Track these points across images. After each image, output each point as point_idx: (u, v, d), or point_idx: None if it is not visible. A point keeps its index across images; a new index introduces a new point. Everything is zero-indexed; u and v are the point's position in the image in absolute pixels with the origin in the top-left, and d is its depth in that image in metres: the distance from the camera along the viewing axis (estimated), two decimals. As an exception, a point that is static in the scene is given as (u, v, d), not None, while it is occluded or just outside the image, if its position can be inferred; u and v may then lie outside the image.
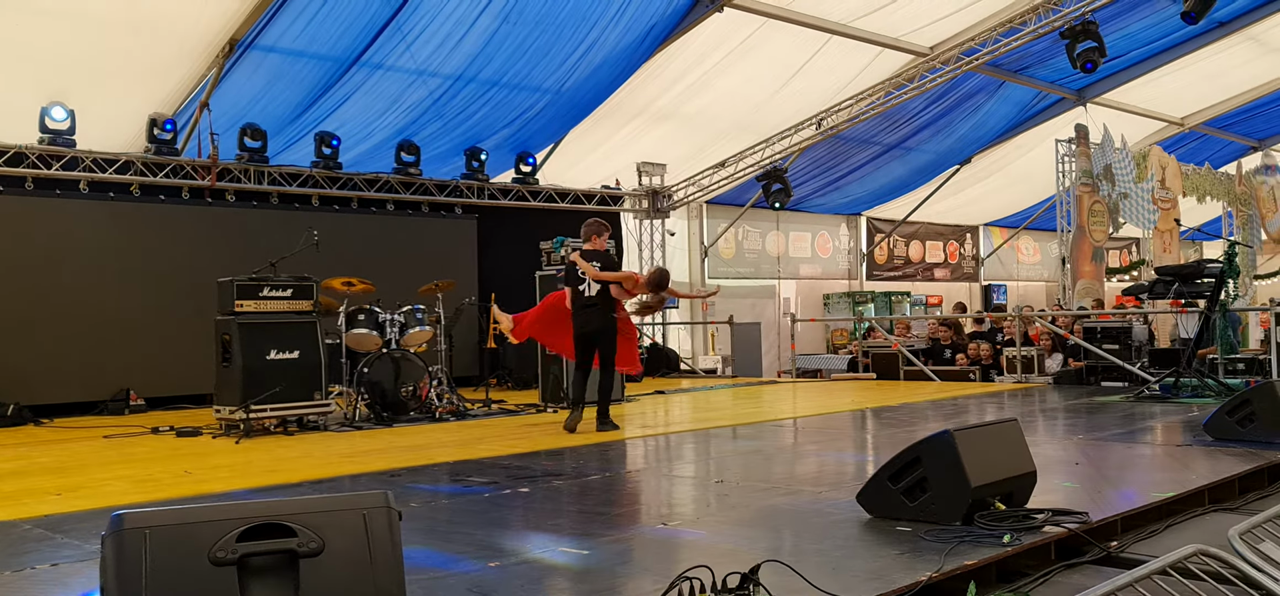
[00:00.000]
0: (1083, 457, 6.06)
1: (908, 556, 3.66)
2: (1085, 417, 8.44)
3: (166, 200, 12.36)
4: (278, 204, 13.07)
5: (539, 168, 15.27)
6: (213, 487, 5.90)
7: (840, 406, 10.27)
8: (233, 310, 8.62)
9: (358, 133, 13.10)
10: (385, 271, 12.31)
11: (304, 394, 8.84)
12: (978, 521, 4.05)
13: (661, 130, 15.23)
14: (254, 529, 2.48)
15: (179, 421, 9.74)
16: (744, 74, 14.07)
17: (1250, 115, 20.06)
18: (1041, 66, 15.81)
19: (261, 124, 12.26)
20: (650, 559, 3.79)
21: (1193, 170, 18.39)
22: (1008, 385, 12.31)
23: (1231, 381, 10.05)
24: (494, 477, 5.93)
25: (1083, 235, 16.37)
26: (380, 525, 2.59)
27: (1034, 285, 24.62)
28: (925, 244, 22.38)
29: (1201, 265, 9.67)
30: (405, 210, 14.38)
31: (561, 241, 11.04)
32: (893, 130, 16.83)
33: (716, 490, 5.41)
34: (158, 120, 11.70)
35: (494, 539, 4.24)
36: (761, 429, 8.44)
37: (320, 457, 7.14)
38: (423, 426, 9.11)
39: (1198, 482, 5.06)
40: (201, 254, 11.91)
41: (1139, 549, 4.13)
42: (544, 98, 13.40)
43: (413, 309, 10.02)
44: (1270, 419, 6.17)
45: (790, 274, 19.86)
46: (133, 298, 11.85)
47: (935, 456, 4.17)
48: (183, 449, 7.92)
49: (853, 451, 7.11)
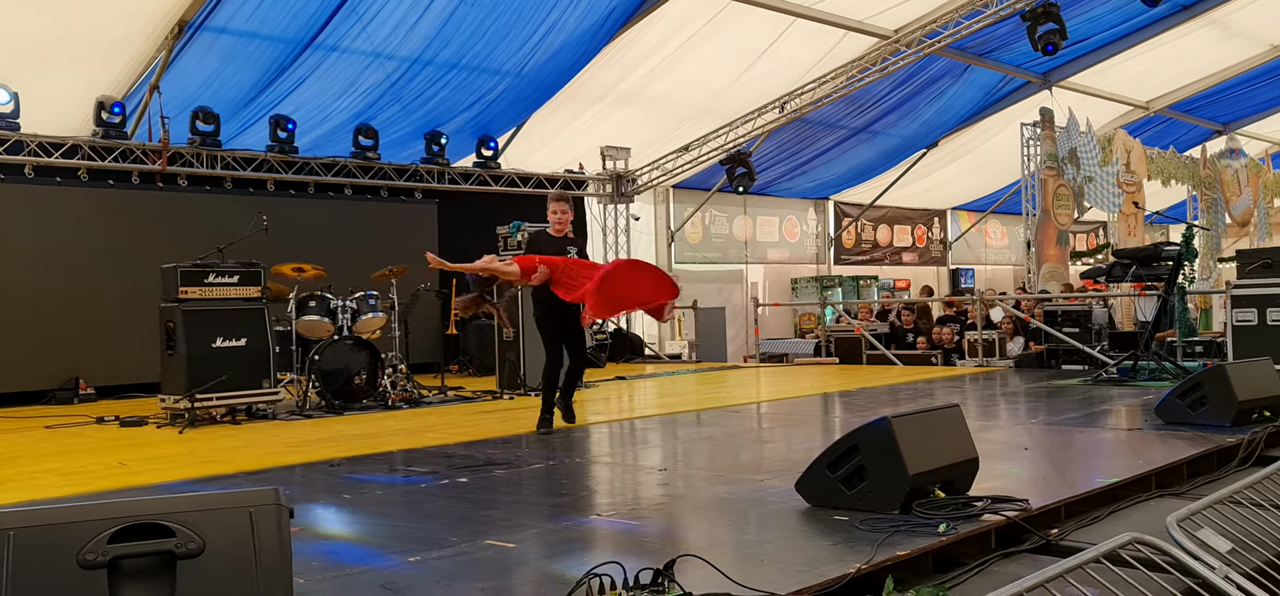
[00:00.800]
0: (1031, 442, 6.00)
1: (840, 547, 3.56)
2: (1042, 401, 8.40)
3: (116, 185, 12.09)
4: (232, 189, 12.83)
5: (501, 152, 15.10)
6: (145, 480, 5.73)
7: (799, 391, 10.19)
8: (177, 297, 8.43)
9: (314, 116, 12.87)
10: (343, 257, 12.14)
11: (252, 382, 8.67)
12: (915, 510, 3.96)
13: (625, 114, 15.09)
14: (128, 529, 2.34)
15: (126, 411, 9.54)
16: (707, 57, 13.95)
17: (1215, 99, 20.15)
18: (1006, 50, 15.79)
19: (214, 107, 12.01)
20: (575, 552, 3.68)
21: (1158, 153, 18.44)
22: (969, 369, 12.29)
23: (1189, 364, 10.05)
24: (435, 467, 5.80)
25: (1048, 219, 16.38)
26: (268, 524, 2.45)
27: (1002, 269, 24.70)
28: (893, 228, 22.37)
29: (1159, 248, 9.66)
30: (364, 195, 14.17)
31: (518, 226, 10.90)
32: (859, 114, 16.77)
33: (657, 478, 5.30)
34: (105, 103, 11.43)
35: (421, 532, 4.11)
36: (718, 414, 8.35)
37: (263, 447, 6.98)
38: (374, 415, 8.96)
39: (1145, 468, 5.00)
40: (153, 240, 11.66)
41: (1080, 536, 4.06)
42: (505, 80, 13.22)
43: (366, 295, 9.84)
44: (1221, 402, 6.13)
45: (758, 258, 19.79)
46: (82, 285, 11.60)
47: (872, 443, 4.08)
48: (124, 439, 7.73)
49: (802, 437, 7.02)
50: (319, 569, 3.47)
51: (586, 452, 6.34)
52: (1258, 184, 21.74)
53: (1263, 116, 21.76)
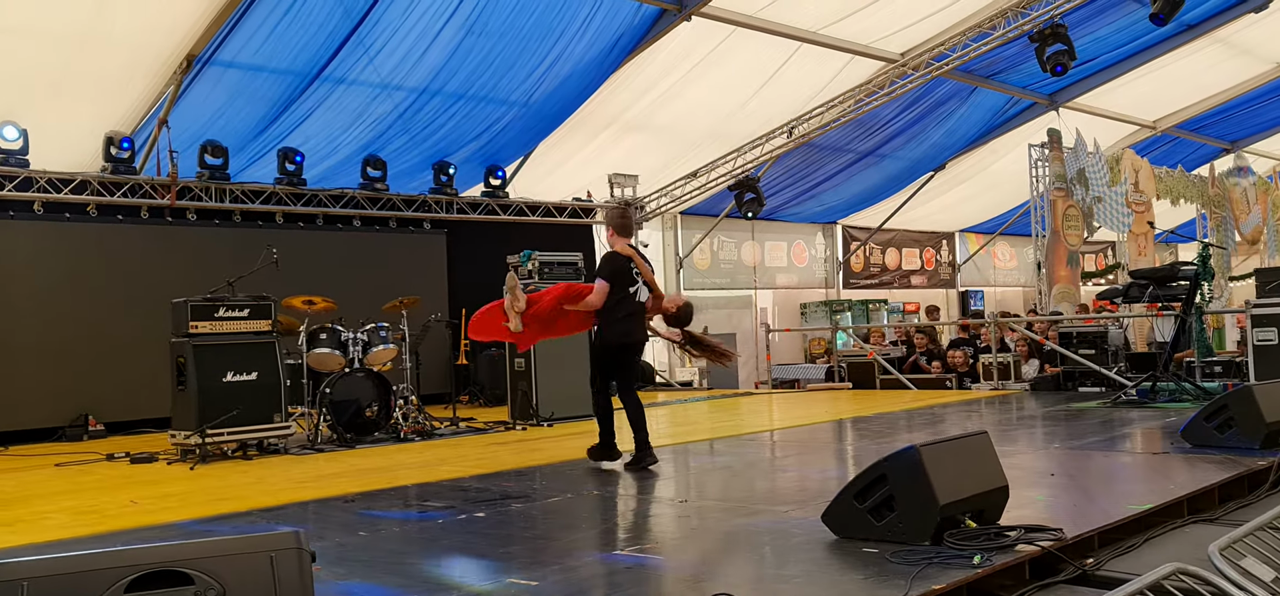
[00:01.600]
0: (1057, 468, 5.89)
1: (872, 581, 3.47)
2: (1062, 425, 8.29)
3: (125, 220, 12.06)
4: (241, 222, 12.80)
5: (509, 181, 15.06)
6: (159, 519, 5.65)
7: (815, 418, 10.09)
8: (187, 332, 8.37)
9: (322, 148, 12.85)
10: (353, 289, 12.09)
11: (263, 416, 8.60)
12: (947, 540, 3.86)
13: (632, 141, 15.05)
14: (145, 578, 2.26)
15: (136, 447, 9.46)
16: (714, 83, 13.92)
17: (1222, 117, 20.07)
18: (1013, 71, 15.75)
19: (222, 141, 11.99)
20: (602, 590, 3.59)
21: (1166, 173, 18.35)
22: (984, 392, 12.17)
23: (1208, 384, 9.94)
24: (451, 502, 5.71)
25: (1057, 240, 16.28)
26: (289, 569, 2.37)
27: (1011, 290, 24.57)
28: (902, 251, 22.29)
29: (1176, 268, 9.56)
30: (372, 226, 14.13)
31: (529, 254, 10.82)
32: (866, 137, 16.72)
33: (679, 510, 5.21)
34: (114, 138, 11.41)
35: (440, 570, 4.02)
36: (734, 443, 8.25)
37: (275, 483, 6.89)
38: (386, 447, 8.87)
39: (1176, 493, 4.90)
40: (162, 274, 11.62)
41: (1116, 565, 3.95)
42: (512, 110, 13.20)
43: (377, 327, 9.78)
44: (1248, 424, 6.02)
45: (767, 284, 19.72)
46: (91, 320, 11.55)
47: (901, 473, 3.99)
48: (135, 476, 7.65)
49: (822, 466, 6.92)
50: (338, 611, 3.39)
51: (602, 485, 6.25)
52: (1266, 201, 21.62)
53: (1270, 134, 21.67)
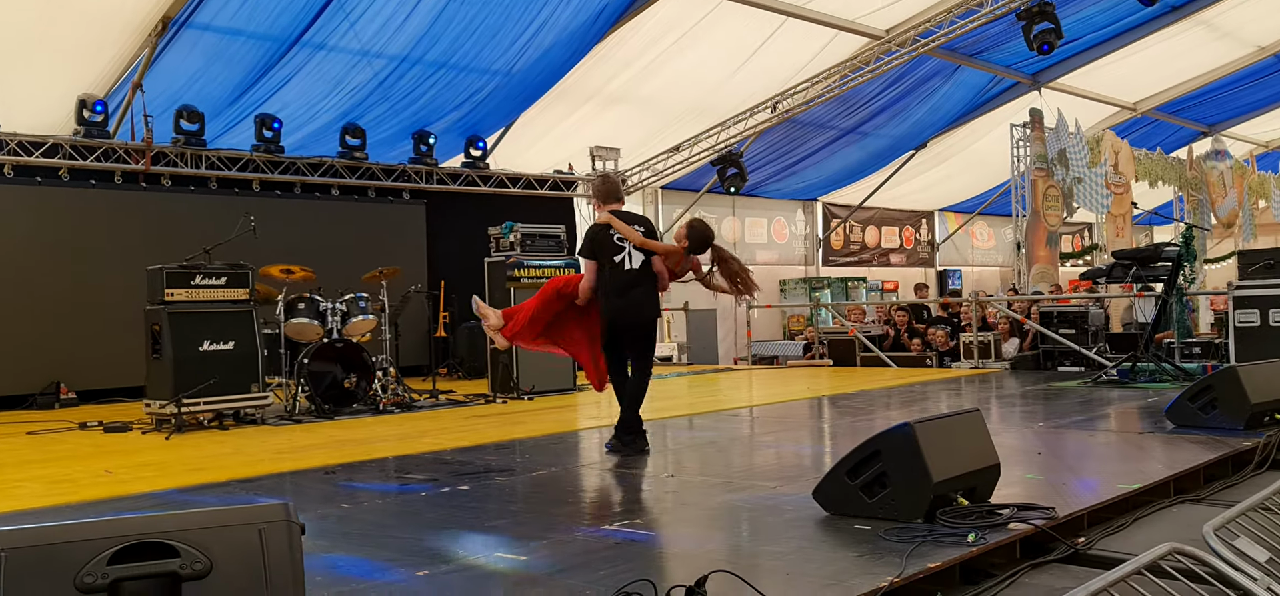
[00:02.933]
0: (1043, 447, 5.89)
1: (867, 559, 3.43)
2: (1044, 404, 8.30)
3: (98, 185, 11.84)
4: (216, 189, 12.60)
5: (490, 152, 14.91)
6: (134, 488, 5.54)
7: (797, 394, 10.07)
8: (162, 299, 8.23)
9: (301, 115, 12.65)
10: (330, 258, 11.94)
11: (240, 386, 8.48)
12: (940, 518, 3.83)
13: (615, 114, 14.92)
14: (129, 549, 2.18)
15: (109, 416, 9.30)
16: (698, 56, 13.81)
17: (1201, 100, 20.17)
18: (997, 50, 15.72)
19: (198, 106, 11.78)
20: (592, 565, 3.52)
21: (1145, 155, 18.42)
22: (964, 371, 12.20)
23: (1188, 366, 9.99)
24: (433, 474, 5.63)
25: (1037, 220, 16.33)
26: (278, 542, 2.29)
27: (989, 270, 24.67)
28: (881, 229, 22.30)
29: (1159, 249, 9.58)
30: (351, 195, 13.97)
31: (510, 226, 10.71)
32: (849, 114, 16.67)
33: (668, 486, 5.16)
34: (87, 102, 11.19)
35: (426, 542, 3.95)
36: (717, 418, 8.21)
37: (252, 454, 6.79)
38: (365, 419, 8.77)
39: (1163, 473, 4.90)
40: (136, 241, 11.44)
41: (1107, 544, 3.94)
42: (494, 80, 13.04)
43: (356, 297, 9.65)
44: (1232, 405, 6.03)
45: (747, 260, 19.44)
46: (63, 286, 11.36)
47: (895, 450, 3.94)
48: (109, 446, 7.52)
49: (809, 442, 6.90)
50: (323, 584, 3.31)
51: (586, 459, 6.18)
52: (1243, 185, 21.77)
53: (1248, 118, 21.81)
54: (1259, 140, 23.70)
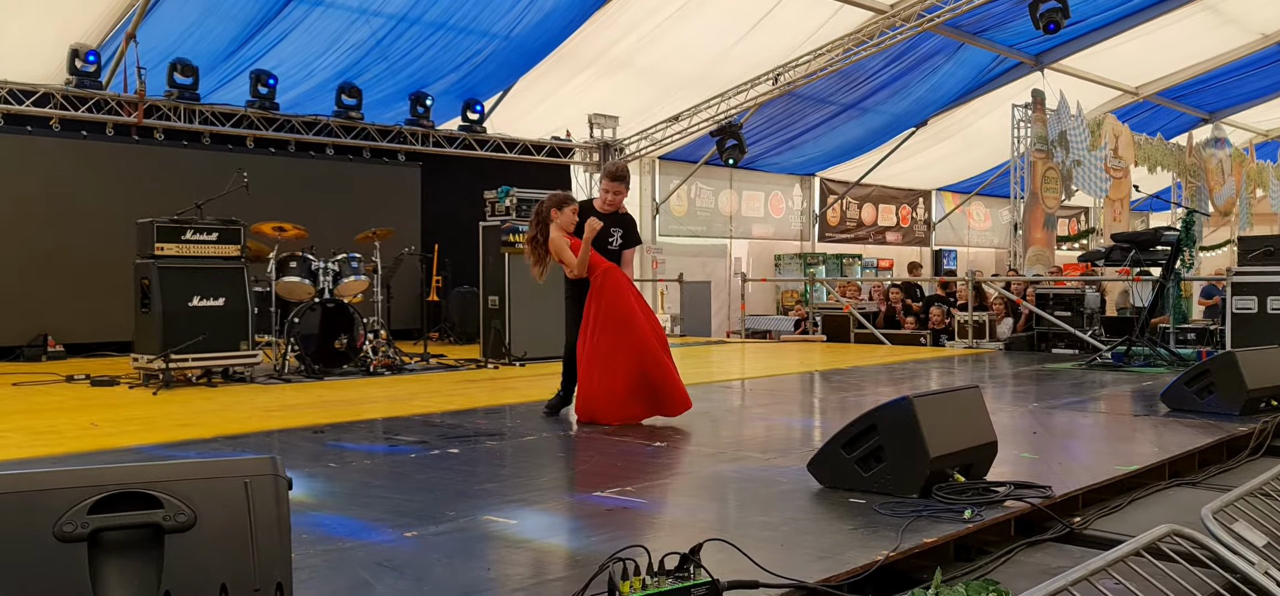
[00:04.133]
0: (1039, 427, 5.85)
1: (862, 532, 3.38)
2: (1039, 384, 8.27)
3: (89, 136, 11.70)
4: (210, 144, 12.48)
5: (487, 116, 14.78)
6: (119, 442, 5.48)
7: (790, 368, 10.03)
8: (152, 253, 8.14)
9: (297, 73, 12.50)
10: (324, 218, 11.84)
11: (229, 343, 8.41)
12: (936, 494, 3.79)
13: (614, 81, 14.79)
14: (111, 498, 2.11)
15: (96, 369, 9.23)
16: (701, 25, 13.67)
17: (1203, 87, 20.08)
18: (1001, 29, 15.60)
19: (193, 59, 11.63)
20: (584, 531, 3.48)
21: (1145, 140, 18.37)
22: (959, 350, 12.18)
23: (1183, 351, 9.97)
24: (423, 436, 5.58)
25: (1036, 202, 16.28)
26: (264, 495, 2.23)
27: (985, 251, 24.64)
28: (878, 207, 22.23)
29: (1158, 233, 9.54)
30: (346, 155, 13.83)
31: (506, 191, 10.62)
32: (850, 90, 16.56)
33: (658, 454, 5.11)
34: (80, 51, 11.02)
35: (415, 504, 3.90)
36: (709, 390, 8.16)
37: (241, 411, 6.73)
38: (355, 380, 8.72)
39: (1160, 456, 4.87)
40: (127, 194, 11.33)
41: (1103, 525, 3.91)
42: (493, 42, 12.90)
43: (348, 257, 9.57)
44: (1229, 391, 6.01)
45: (742, 233, 19.60)
46: (52, 238, 11.24)
47: (892, 424, 3.90)
48: (95, 399, 7.45)
49: (802, 416, 6.86)
50: (309, 543, 3.25)
51: (577, 427, 6.13)
52: (1241, 174, 21.74)
53: (1249, 106, 21.73)
54: (1259, 129, 23.65)
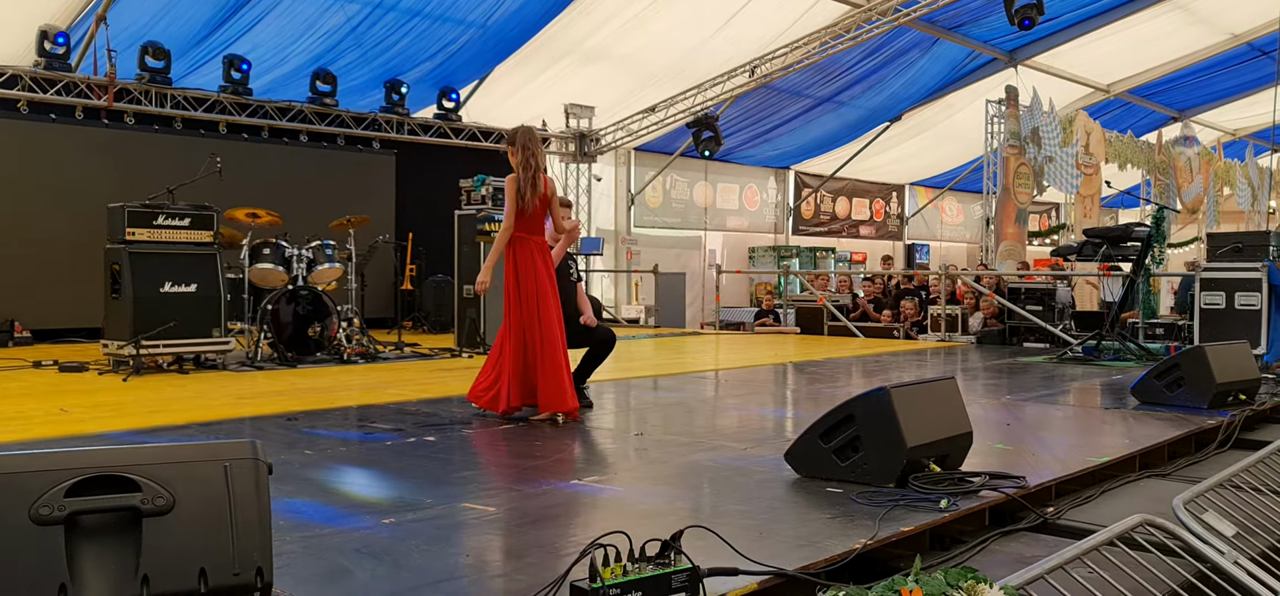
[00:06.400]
0: (1013, 419, 5.91)
1: (840, 521, 3.40)
2: (1011, 377, 8.35)
3: (58, 119, 11.55)
4: (181, 129, 12.35)
5: (462, 104, 14.72)
6: (90, 428, 5.42)
7: (764, 359, 10.06)
8: (124, 238, 8.05)
9: (271, 58, 12.40)
10: (297, 205, 11.75)
11: (201, 330, 8.33)
12: (912, 483, 3.81)
13: (591, 71, 14.78)
14: (88, 481, 2.09)
15: (65, 355, 9.13)
16: (677, 16, 13.67)
17: (1172, 86, 20.32)
18: (976, 25, 15.72)
19: (165, 43, 11.52)
20: (562, 518, 3.48)
21: (1116, 137, 18.55)
22: (931, 343, 12.26)
23: (1152, 345, 10.09)
24: (399, 424, 5.55)
25: (1007, 197, 16.41)
26: (244, 480, 2.21)
27: (957, 246, 24.84)
28: (852, 200, 22.34)
29: (1129, 229, 9.65)
30: (320, 142, 13.73)
31: (482, 179, 10.58)
32: (825, 83, 16.62)
33: (635, 443, 5.11)
34: (49, 33, 10.88)
35: (392, 492, 3.88)
36: (684, 380, 8.18)
37: (213, 398, 6.67)
38: (329, 368, 8.66)
39: (1130, 448, 4.92)
40: (97, 178, 11.19)
41: (1075, 515, 3.95)
42: (469, 30, 12.85)
43: (322, 244, 9.49)
44: (1198, 384, 6.08)
45: (717, 225, 19.65)
46: (19, 222, 11.09)
47: (870, 414, 3.92)
48: (65, 385, 7.36)
49: (777, 406, 6.88)
50: (287, 529, 3.23)
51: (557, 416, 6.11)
52: (1208, 172, 22.02)
53: (1217, 105, 22.01)
54: (1227, 128, 23.95)
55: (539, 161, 5.72)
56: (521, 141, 5.71)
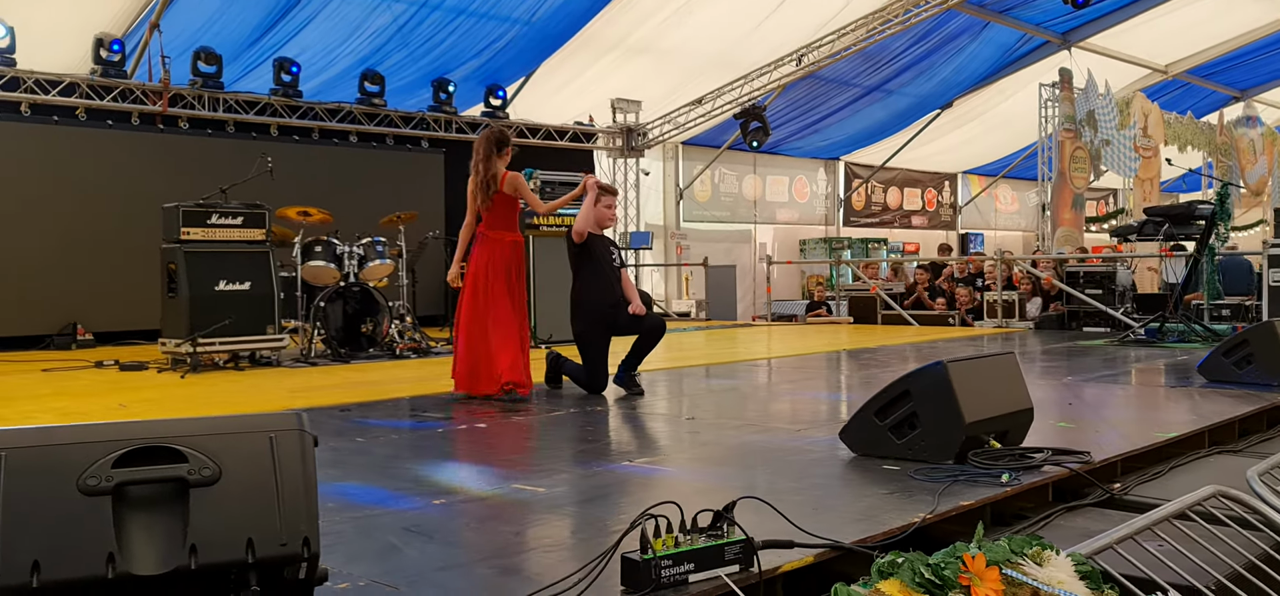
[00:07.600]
0: (1074, 398, 5.75)
1: (897, 496, 3.31)
2: (1071, 360, 8.15)
3: (115, 125, 11.77)
4: (234, 132, 12.52)
5: (509, 101, 14.76)
6: (147, 421, 5.47)
7: (818, 347, 9.94)
8: (179, 238, 8.16)
9: (319, 60, 12.53)
10: (347, 205, 11.83)
11: (256, 327, 8.42)
12: (972, 459, 3.71)
13: (637, 65, 14.73)
14: (135, 453, 2.08)
15: (126, 355, 9.28)
16: (723, 7, 13.59)
17: (1233, 64, 19.77)
18: (1027, 7, 15.42)
19: (217, 48, 11.68)
20: (614, 496, 3.43)
21: (1175, 119, 18.10)
22: (987, 330, 12.04)
23: (1218, 326, 9.80)
24: (450, 414, 5.55)
25: (1063, 182, 16.07)
26: (290, 451, 2.19)
27: (1012, 234, 24.40)
28: (903, 191, 22.05)
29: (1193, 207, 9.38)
30: (369, 142, 13.85)
31: (530, 173, 10.57)
32: (873, 71, 16.41)
33: (687, 427, 5.06)
34: (104, 40, 11.09)
35: (442, 475, 3.86)
36: (736, 368, 8.10)
37: (268, 393, 6.73)
38: (382, 363, 8.71)
39: (1199, 424, 4.76)
40: (153, 182, 11.36)
41: (1143, 491, 3.82)
42: (514, 27, 12.87)
43: (373, 241, 9.56)
44: (1268, 360, 5.88)
45: (767, 218, 19.50)
46: (80, 227, 11.31)
47: (926, 390, 3.82)
48: (124, 383, 7.48)
49: (830, 390, 6.78)
50: (336, 510, 3.22)
51: (607, 402, 6.08)
52: (1273, 152, 21.39)
53: (1280, 84, 21.41)
54: (1292, 106, 23.27)
55: (487, 168, 6.28)
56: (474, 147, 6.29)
